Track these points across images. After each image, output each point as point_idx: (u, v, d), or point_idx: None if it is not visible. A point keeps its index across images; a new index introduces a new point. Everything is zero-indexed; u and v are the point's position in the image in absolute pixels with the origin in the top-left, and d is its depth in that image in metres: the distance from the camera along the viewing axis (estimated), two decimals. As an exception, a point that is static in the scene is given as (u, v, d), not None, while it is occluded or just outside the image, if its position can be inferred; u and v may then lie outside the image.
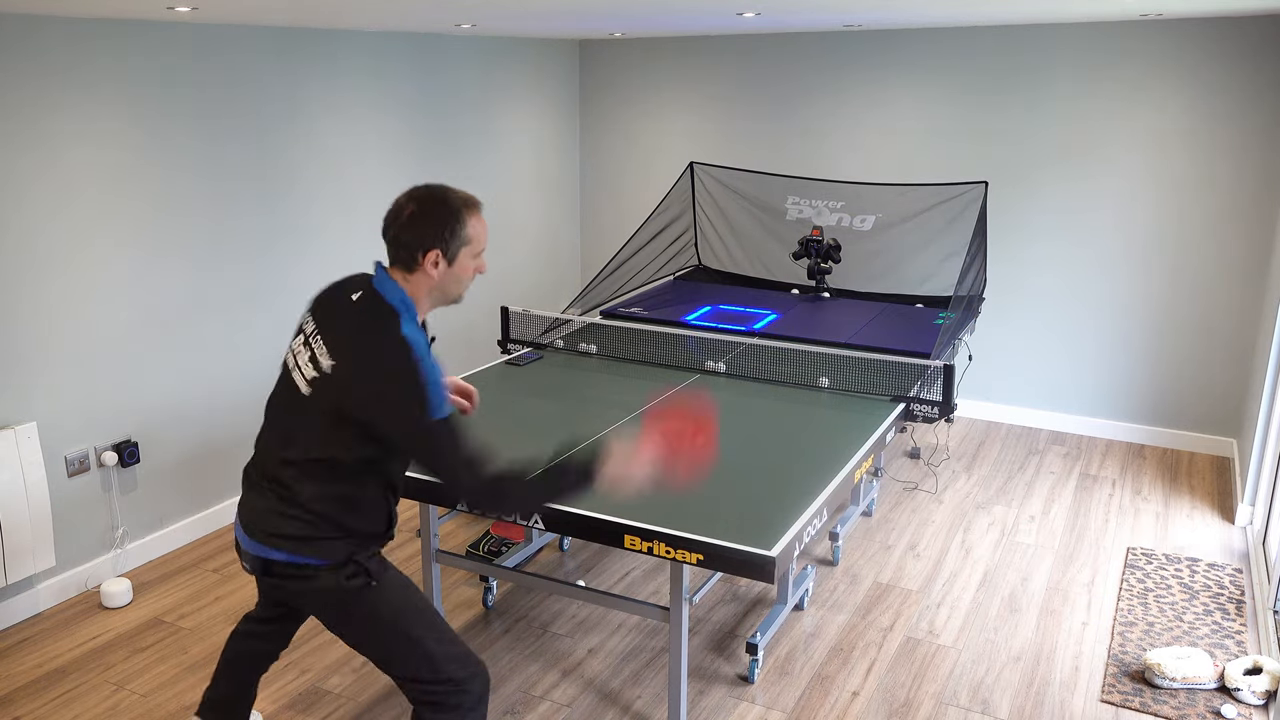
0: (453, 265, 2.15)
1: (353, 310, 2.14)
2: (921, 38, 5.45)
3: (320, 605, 2.22)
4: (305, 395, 2.14)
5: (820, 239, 5.16)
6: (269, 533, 2.16)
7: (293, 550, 2.15)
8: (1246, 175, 4.87)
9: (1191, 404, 5.20)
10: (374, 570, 2.21)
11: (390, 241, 2.15)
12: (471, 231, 2.15)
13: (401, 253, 2.14)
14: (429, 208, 2.12)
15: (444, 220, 2.11)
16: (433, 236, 2.11)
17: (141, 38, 3.79)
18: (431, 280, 2.16)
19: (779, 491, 2.82)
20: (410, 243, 2.12)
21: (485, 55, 5.65)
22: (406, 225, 2.12)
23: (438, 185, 2.16)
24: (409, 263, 2.14)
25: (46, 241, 3.58)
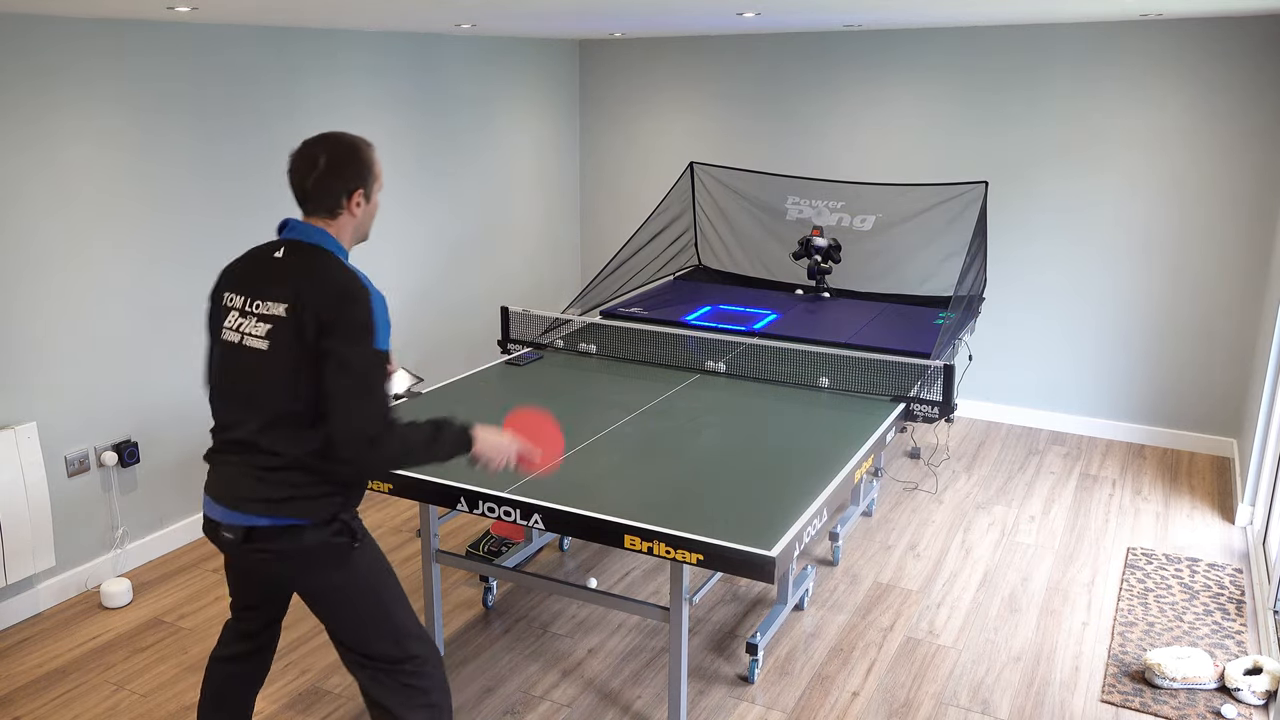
0: (368, 202, 2.29)
1: (286, 263, 2.20)
2: (921, 38, 5.45)
3: (302, 567, 2.20)
4: (265, 351, 2.16)
5: (820, 239, 5.16)
6: (249, 498, 2.16)
7: (275, 512, 2.15)
8: (1247, 175, 4.87)
9: (1191, 404, 5.20)
10: (358, 530, 2.25)
11: (310, 192, 2.22)
12: (378, 169, 2.30)
13: (325, 200, 2.23)
14: (344, 152, 2.23)
15: (360, 161, 2.24)
16: (354, 177, 2.23)
17: (141, 38, 3.79)
18: (354, 220, 2.27)
19: (779, 491, 2.82)
20: (335, 187, 2.22)
21: (485, 55, 5.65)
22: (326, 173, 2.21)
23: (332, 132, 2.26)
24: (333, 208, 2.24)
25: (46, 241, 3.58)
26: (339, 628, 2.27)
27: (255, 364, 2.18)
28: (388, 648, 2.28)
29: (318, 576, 2.22)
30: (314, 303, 2.12)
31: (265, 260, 2.24)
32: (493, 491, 2.79)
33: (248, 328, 2.20)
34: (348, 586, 2.23)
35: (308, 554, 2.19)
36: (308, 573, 2.22)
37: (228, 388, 2.24)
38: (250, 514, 2.17)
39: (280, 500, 2.15)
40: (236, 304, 2.23)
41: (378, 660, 2.28)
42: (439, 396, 3.55)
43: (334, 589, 2.23)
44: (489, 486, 2.83)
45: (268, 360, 2.16)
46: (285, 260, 2.21)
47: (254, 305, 2.20)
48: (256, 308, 2.19)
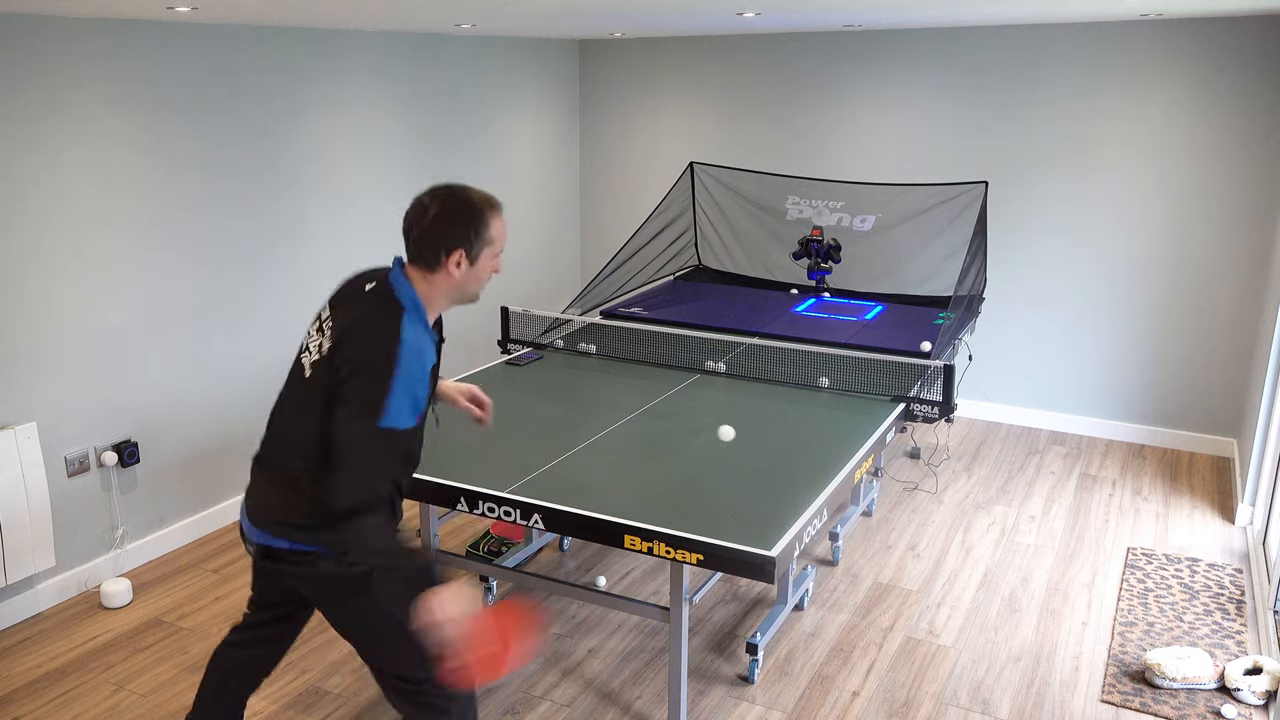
0: (474, 265, 2.15)
1: (362, 298, 2.15)
2: (921, 38, 5.45)
3: (319, 591, 2.22)
4: (307, 379, 2.16)
5: (820, 239, 5.16)
6: (272, 520, 2.17)
7: (295, 538, 2.15)
8: (1247, 175, 4.87)
9: (1191, 404, 5.20)
10: None
11: (413, 241, 2.14)
12: (494, 232, 2.16)
13: (425, 252, 2.13)
14: (453, 208, 2.11)
15: (468, 221, 2.12)
16: (457, 237, 2.11)
17: (141, 38, 3.79)
18: (452, 280, 2.15)
19: (779, 491, 2.82)
20: (434, 242, 2.11)
21: (485, 55, 5.65)
22: (431, 225, 2.11)
23: (459, 185, 2.16)
24: (431, 262, 2.13)
25: (46, 241, 3.58)
26: (359, 648, 2.28)
27: (298, 389, 2.18)
28: (408, 669, 2.26)
29: (334, 604, 2.22)
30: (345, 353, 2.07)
31: (359, 289, 2.19)
32: (493, 491, 2.79)
33: (313, 346, 2.18)
34: (365, 613, 2.22)
35: (323, 582, 2.19)
36: (324, 599, 2.23)
37: (279, 403, 2.25)
38: (268, 534, 2.18)
39: (301, 527, 2.14)
40: (324, 315, 2.21)
41: (396, 678, 2.27)
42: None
43: (350, 615, 2.23)
44: (489, 486, 2.83)
45: (306, 389, 2.15)
46: (367, 296, 2.14)
47: (328, 325, 2.16)
48: (325, 330, 2.16)
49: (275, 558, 2.19)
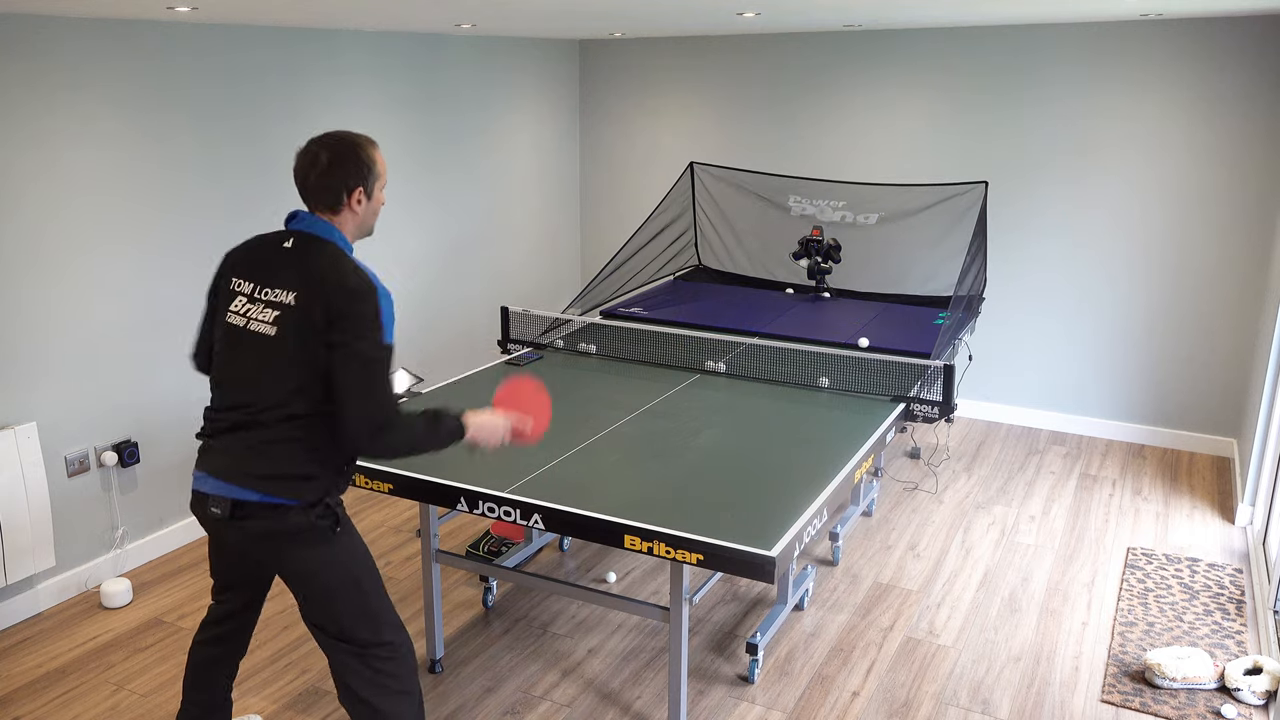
0: (371, 200, 2.34)
1: (294, 253, 2.27)
2: (921, 38, 5.45)
3: (284, 546, 2.26)
4: (271, 336, 2.22)
5: (820, 239, 5.16)
6: (243, 473, 2.22)
7: (265, 489, 2.21)
8: (1247, 175, 4.87)
9: (1191, 404, 5.20)
10: (341, 515, 2.31)
11: (312, 189, 2.29)
12: (380, 166, 2.35)
13: (326, 196, 2.29)
14: (344, 151, 2.28)
15: (360, 160, 2.29)
16: (354, 175, 2.29)
17: (141, 38, 3.79)
18: (356, 217, 2.34)
19: (779, 491, 2.82)
20: (334, 185, 2.28)
21: (485, 55, 5.65)
22: (327, 170, 2.27)
23: (338, 130, 2.33)
24: (334, 204, 2.30)
25: (46, 241, 3.58)
26: (316, 609, 2.33)
27: (261, 348, 2.24)
28: (362, 631, 2.34)
29: (298, 556, 2.28)
30: (323, 294, 2.18)
31: (274, 249, 2.30)
32: (493, 491, 2.79)
33: (254, 313, 2.26)
34: (327, 568, 2.29)
35: (290, 533, 2.25)
36: (289, 551, 2.27)
37: (230, 370, 2.29)
38: (241, 487, 2.23)
39: (271, 478, 2.22)
40: (244, 289, 2.30)
41: (351, 643, 2.34)
42: (439, 396, 3.55)
43: (313, 570, 2.29)
44: (489, 486, 2.83)
45: (274, 345, 2.22)
46: (294, 251, 2.27)
47: (261, 292, 2.27)
48: (264, 294, 2.26)
49: (243, 514, 2.24)
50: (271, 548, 2.27)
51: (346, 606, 2.32)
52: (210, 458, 2.29)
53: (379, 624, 2.35)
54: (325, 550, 2.28)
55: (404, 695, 2.39)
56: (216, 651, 2.58)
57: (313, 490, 2.25)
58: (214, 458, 2.28)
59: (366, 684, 2.35)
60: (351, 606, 2.32)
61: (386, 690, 2.37)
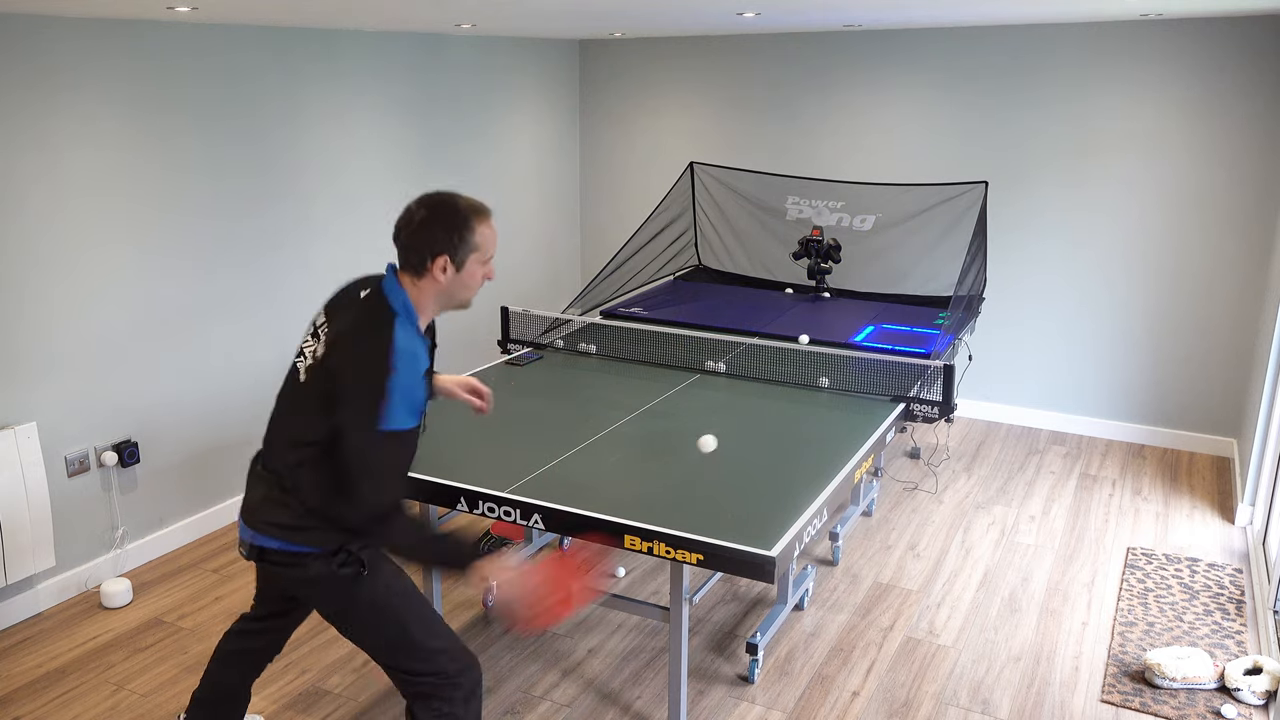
0: (460, 271, 2.18)
1: (356, 306, 2.20)
2: (921, 38, 5.45)
3: (313, 592, 2.25)
4: (302, 383, 2.21)
5: (820, 239, 5.16)
6: (264, 520, 2.22)
7: (285, 538, 2.20)
8: (1246, 175, 4.87)
9: (1191, 404, 5.20)
10: (367, 559, 2.23)
11: (401, 246, 2.18)
12: (480, 239, 2.18)
13: (411, 257, 2.17)
14: (439, 214, 2.15)
15: (453, 227, 2.14)
16: (442, 242, 2.14)
17: (141, 38, 3.79)
18: (439, 285, 2.18)
19: (779, 491, 2.82)
20: (420, 248, 2.15)
21: (485, 55, 5.65)
22: (417, 231, 2.15)
23: (448, 192, 2.19)
24: (418, 268, 2.17)
25: (47, 242, 3.58)
26: (360, 644, 2.31)
27: (294, 394, 2.23)
28: (410, 663, 2.28)
29: (327, 602, 2.26)
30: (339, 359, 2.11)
31: (354, 295, 2.23)
32: (493, 491, 2.79)
33: (309, 351, 2.23)
34: (359, 611, 2.25)
35: (313, 584, 2.22)
36: (317, 599, 2.26)
37: (276, 408, 2.30)
38: (261, 534, 2.22)
39: (290, 528, 2.19)
40: (319, 322, 2.26)
41: (400, 672, 2.30)
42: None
43: (343, 611, 2.26)
44: (489, 486, 2.83)
45: (302, 393, 2.20)
46: (362, 303, 2.18)
47: (323, 330, 2.22)
48: (322, 334, 2.22)
49: (266, 558, 2.23)
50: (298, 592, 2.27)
51: (386, 641, 2.27)
52: (246, 495, 2.30)
53: (429, 655, 2.28)
54: (352, 597, 2.23)
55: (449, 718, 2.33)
56: (248, 642, 2.57)
57: (331, 539, 2.19)
58: (247, 497, 2.29)
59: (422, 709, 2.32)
60: (391, 641, 2.26)
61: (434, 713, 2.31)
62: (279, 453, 2.23)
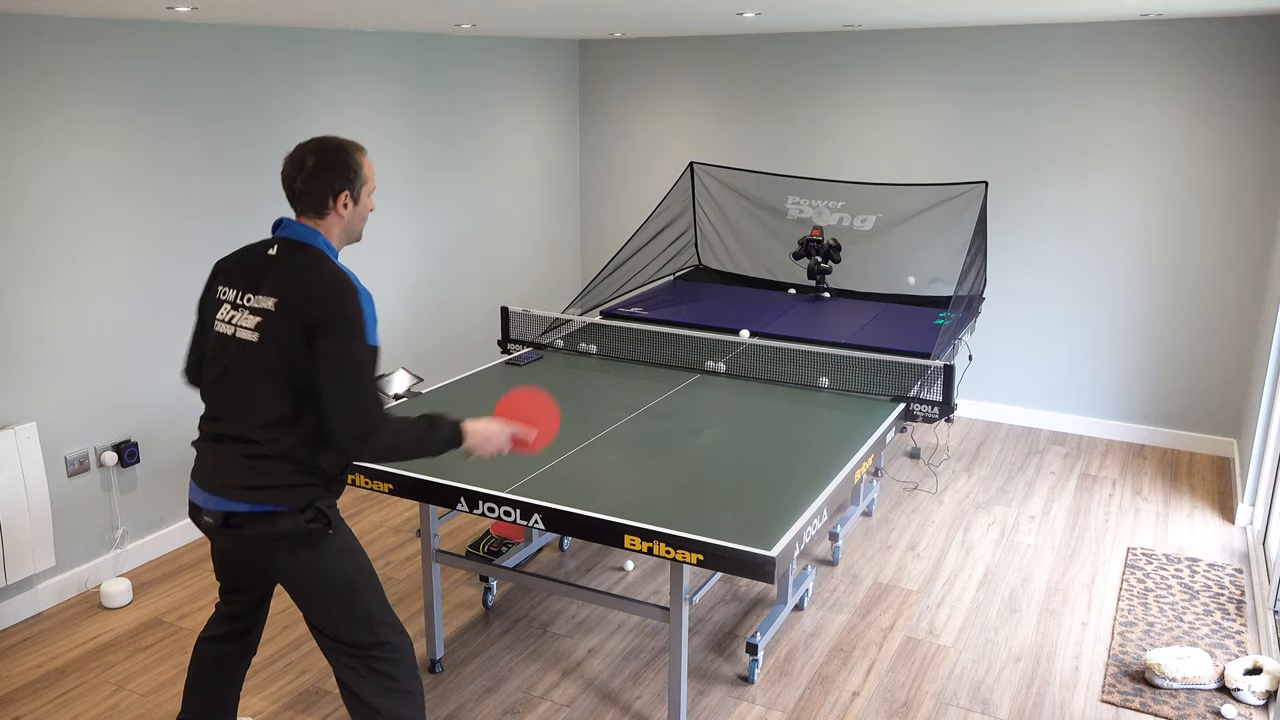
0: (358, 204, 2.34)
1: (278, 260, 2.27)
2: (921, 38, 5.45)
3: (276, 552, 2.27)
4: (254, 343, 2.23)
5: (820, 239, 5.16)
6: (232, 484, 2.23)
7: (255, 499, 2.22)
8: (1246, 175, 4.87)
9: (1191, 404, 5.20)
10: (333, 519, 2.31)
11: (299, 192, 2.29)
12: (367, 171, 2.35)
13: (312, 200, 2.29)
14: (329, 155, 2.28)
15: (346, 164, 2.30)
16: (339, 180, 2.29)
17: (141, 38, 3.79)
18: (343, 221, 2.33)
19: (779, 491, 2.82)
20: (320, 189, 2.28)
21: (485, 55, 5.65)
22: (314, 174, 2.27)
23: (326, 136, 2.32)
24: (320, 209, 2.30)
25: (47, 241, 3.58)
26: (313, 612, 2.34)
27: (246, 355, 2.25)
28: (360, 633, 2.34)
29: (291, 560, 2.29)
30: (303, 299, 2.19)
31: (259, 256, 2.32)
32: (493, 491, 2.79)
33: (239, 320, 2.27)
34: (320, 570, 2.30)
35: (281, 538, 2.26)
36: (281, 556, 2.28)
37: (219, 378, 2.31)
38: (231, 499, 2.24)
39: (261, 488, 2.22)
40: (229, 297, 2.31)
41: (350, 645, 2.35)
42: (439, 396, 3.55)
43: (307, 573, 2.30)
44: (489, 486, 2.83)
45: (258, 352, 2.23)
46: (278, 257, 2.29)
47: (245, 298, 2.28)
48: (248, 301, 2.27)
49: (235, 524, 2.25)
50: (264, 552, 2.28)
51: (341, 607, 2.32)
52: (201, 469, 2.31)
53: (375, 625, 2.36)
54: (317, 553, 2.29)
55: (404, 695, 2.40)
56: (222, 650, 2.58)
57: (301, 496, 2.25)
58: (203, 469, 2.30)
59: (366, 685, 2.36)
60: (346, 607, 2.33)
61: (386, 691, 2.37)
62: (241, 418, 2.24)
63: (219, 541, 2.32)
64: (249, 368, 2.24)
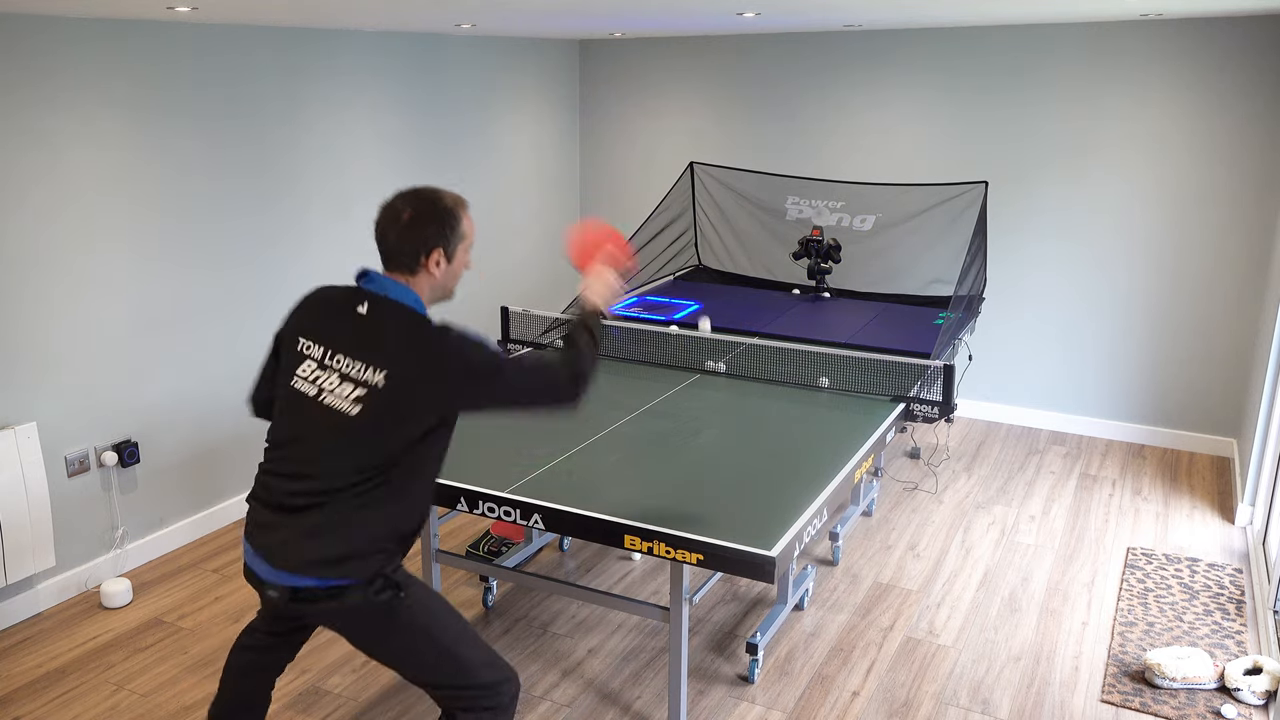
0: (451, 263, 2.22)
1: (374, 322, 2.14)
2: (921, 38, 5.45)
3: (349, 624, 2.18)
4: (353, 416, 2.09)
5: (820, 239, 5.16)
6: (301, 560, 2.10)
7: (324, 574, 2.10)
8: (1246, 175, 4.87)
9: (1191, 404, 5.20)
10: (401, 582, 2.19)
11: (390, 247, 2.18)
12: (465, 228, 2.23)
13: (404, 257, 2.17)
14: (426, 209, 2.17)
15: (442, 220, 2.18)
16: (434, 237, 2.17)
17: (141, 38, 3.79)
18: (434, 279, 2.21)
19: (779, 491, 2.82)
20: (413, 245, 2.16)
21: (485, 55, 5.65)
22: (407, 229, 2.16)
23: (425, 187, 2.21)
24: (411, 265, 2.18)
25: (47, 242, 3.58)
26: (397, 668, 2.25)
27: (336, 427, 2.10)
28: (451, 679, 2.24)
29: (363, 631, 2.19)
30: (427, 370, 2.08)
31: (348, 313, 2.17)
32: (493, 491, 2.79)
33: (330, 385, 2.13)
34: (397, 636, 2.19)
35: (351, 614, 2.15)
36: (354, 630, 2.19)
37: (294, 439, 2.16)
38: (300, 575, 2.11)
39: (331, 562, 2.09)
40: (314, 354, 2.17)
41: (443, 688, 2.26)
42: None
43: (379, 639, 2.20)
44: (489, 486, 2.83)
45: (355, 427, 2.09)
46: (372, 318, 2.14)
47: (337, 361, 2.13)
48: (339, 363, 2.13)
49: (303, 599, 2.13)
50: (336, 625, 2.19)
51: (428, 664, 2.22)
52: (264, 535, 2.15)
53: (469, 669, 2.25)
54: (389, 623, 2.17)
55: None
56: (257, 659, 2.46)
57: (371, 567, 2.12)
58: (268, 536, 2.14)
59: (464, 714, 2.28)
60: (433, 663, 2.22)
61: None
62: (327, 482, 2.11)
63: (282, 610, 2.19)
64: (339, 439, 2.10)
